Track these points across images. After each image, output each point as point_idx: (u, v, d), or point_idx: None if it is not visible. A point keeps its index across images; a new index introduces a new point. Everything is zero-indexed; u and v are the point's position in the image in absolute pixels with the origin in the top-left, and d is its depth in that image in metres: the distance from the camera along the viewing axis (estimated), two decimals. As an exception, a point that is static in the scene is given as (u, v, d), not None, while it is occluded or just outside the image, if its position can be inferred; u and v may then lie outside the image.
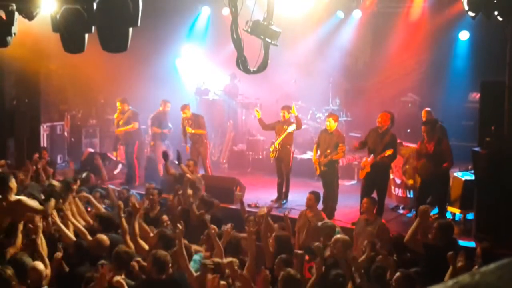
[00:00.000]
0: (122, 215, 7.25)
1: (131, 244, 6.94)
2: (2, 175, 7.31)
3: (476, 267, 6.27)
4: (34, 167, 11.01)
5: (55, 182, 9.06)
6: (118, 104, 13.38)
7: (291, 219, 9.42)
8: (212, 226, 7.43)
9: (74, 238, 6.88)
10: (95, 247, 6.74)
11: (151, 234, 7.33)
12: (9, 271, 5.48)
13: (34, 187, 9.21)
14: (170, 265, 5.94)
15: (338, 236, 7.25)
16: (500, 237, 8.47)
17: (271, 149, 11.74)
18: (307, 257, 7.10)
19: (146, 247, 6.94)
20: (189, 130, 12.59)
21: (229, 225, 7.53)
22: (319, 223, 8.08)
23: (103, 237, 6.92)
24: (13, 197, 6.81)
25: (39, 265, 5.87)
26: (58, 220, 7.01)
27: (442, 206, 9.75)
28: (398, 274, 5.75)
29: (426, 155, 9.69)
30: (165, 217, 8.36)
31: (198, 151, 12.77)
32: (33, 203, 6.89)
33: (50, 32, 7.27)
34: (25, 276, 5.78)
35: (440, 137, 9.98)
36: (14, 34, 7.67)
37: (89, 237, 7.02)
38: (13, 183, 6.89)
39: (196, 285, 5.99)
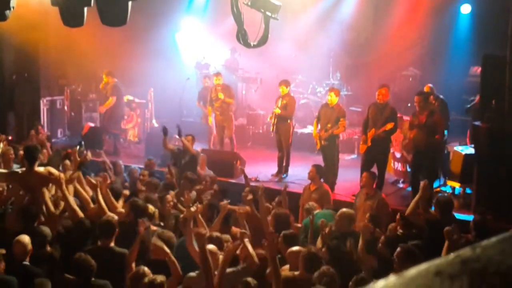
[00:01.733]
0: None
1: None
2: (34, 146, 7.54)
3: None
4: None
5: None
6: (103, 76, 13.45)
7: (292, 193, 9.48)
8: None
9: (80, 213, 6.91)
10: (95, 216, 6.86)
11: (120, 209, 7.31)
12: None
13: None
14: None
15: (344, 210, 7.30)
16: (500, 210, 8.51)
17: (269, 118, 11.87)
18: None
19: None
20: (221, 96, 12.61)
21: (225, 202, 7.52)
22: (306, 206, 8.15)
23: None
24: (39, 168, 7.08)
25: (25, 238, 5.89)
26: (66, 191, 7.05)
27: (432, 178, 9.71)
28: (398, 249, 5.76)
29: (418, 126, 9.67)
30: (169, 196, 8.29)
31: (222, 124, 12.83)
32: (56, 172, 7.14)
33: (49, 6, 7.23)
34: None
35: (432, 109, 9.96)
36: (13, 7, 7.62)
37: (92, 205, 7.11)
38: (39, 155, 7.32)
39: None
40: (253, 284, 5.27)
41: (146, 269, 5.37)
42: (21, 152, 10.03)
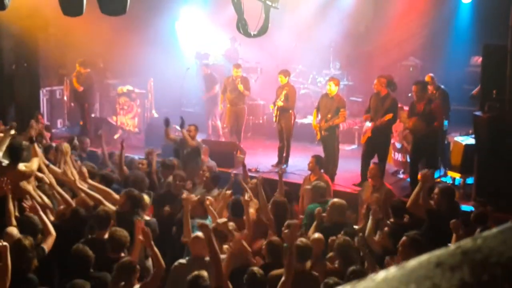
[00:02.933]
0: None
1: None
2: (20, 143, 7.44)
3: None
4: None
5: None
6: (77, 65, 13.65)
7: (292, 183, 9.49)
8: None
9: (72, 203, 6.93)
10: (82, 206, 6.89)
11: (116, 195, 7.34)
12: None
13: None
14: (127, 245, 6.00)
15: (335, 200, 7.32)
16: (500, 201, 8.52)
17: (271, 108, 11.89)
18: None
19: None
20: (241, 88, 12.63)
21: (229, 192, 7.54)
22: (309, 186, 8.18)
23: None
24: (22, 167, 6.99)
25: (13, 230, 5.88)
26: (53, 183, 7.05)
27: (432, 166, 9.69)
28: (404, 238, 5.78)
29: (417, 114, 9.66)
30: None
31: (236, 115, 12.81)
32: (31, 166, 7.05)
33: (48, -5, 7.18)
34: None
35: (430, 98, 9.96)
36: (12, -3, 7.58)
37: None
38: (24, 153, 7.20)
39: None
40: (259, 275, 5.29)
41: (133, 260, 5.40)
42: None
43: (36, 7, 12.22)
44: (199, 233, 5.82)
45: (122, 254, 5.85)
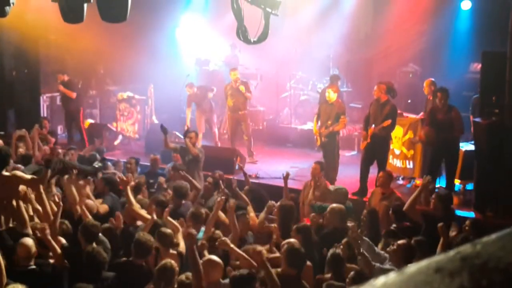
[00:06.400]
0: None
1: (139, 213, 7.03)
2: (6, 149, 7.23)
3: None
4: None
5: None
6: (63, 77, 13.74)
7: (294, 189, 9.49)
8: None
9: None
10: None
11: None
12: None
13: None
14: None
15: (334, 205, 7.29)
16: (499, 207, 8.52)
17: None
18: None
19: (148, 216, 6.95)
20: (242, 89, 12.49)
21: (232, 201, 7.48)
22: (331, 187, 8.16)
23: (91, 202, 7.26)
24: (7, 173, 6.70)
25: (28, 241, 5.72)
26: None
27: (451, 177, 9.66)
28: (403, 241, 5.80)
29: (438, 122, 9.60)
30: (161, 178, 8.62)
31: (238, 120, 12.74)
32: (26, 176, 6.78)
33: (49, 1, 7.22)
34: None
35: (451, 105, 9.88)
36: (13, 3, 7.61)
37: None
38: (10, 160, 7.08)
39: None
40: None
41: (173, 262, 5.40)
42: (21, 150, 10.09)
43: (36, 14, 12.25)
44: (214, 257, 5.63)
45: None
